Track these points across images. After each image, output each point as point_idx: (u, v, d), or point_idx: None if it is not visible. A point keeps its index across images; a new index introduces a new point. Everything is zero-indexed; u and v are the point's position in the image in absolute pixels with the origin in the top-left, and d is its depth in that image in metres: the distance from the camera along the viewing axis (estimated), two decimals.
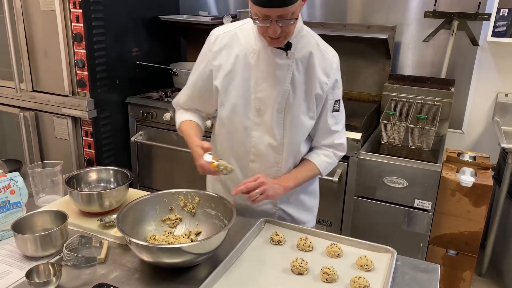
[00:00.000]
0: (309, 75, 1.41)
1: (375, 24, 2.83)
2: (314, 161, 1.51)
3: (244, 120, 1.45)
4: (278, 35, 1.27)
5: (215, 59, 1.44)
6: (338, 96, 1.49)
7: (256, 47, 1.39)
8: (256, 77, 1.41)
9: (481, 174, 2.30)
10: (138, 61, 2.91)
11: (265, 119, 1.43)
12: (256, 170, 1.49)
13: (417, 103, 2.57)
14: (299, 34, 1.39)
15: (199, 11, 3.29)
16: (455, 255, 2.33)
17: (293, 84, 1.40)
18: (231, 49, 1.42)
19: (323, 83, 1.42)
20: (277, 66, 1.38)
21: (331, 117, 1.49)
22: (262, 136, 1.45)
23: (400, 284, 1.17)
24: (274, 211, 1.57)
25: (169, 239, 1.29)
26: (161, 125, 2.80)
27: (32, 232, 1.27)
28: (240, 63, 1.41)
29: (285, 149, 1.47)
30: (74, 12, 2.47)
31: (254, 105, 1.43)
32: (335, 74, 1.44)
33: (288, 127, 1.44)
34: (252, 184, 1.33)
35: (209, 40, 1.47)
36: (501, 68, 2.68)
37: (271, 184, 1.36)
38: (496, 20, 2.46)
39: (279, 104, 1.41)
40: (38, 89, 2.75)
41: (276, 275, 1.19)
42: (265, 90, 1.40)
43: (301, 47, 1.39)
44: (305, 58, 1.40)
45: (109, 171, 1.58)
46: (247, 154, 1.49)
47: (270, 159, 1.48)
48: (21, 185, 1.39)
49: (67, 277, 1.15)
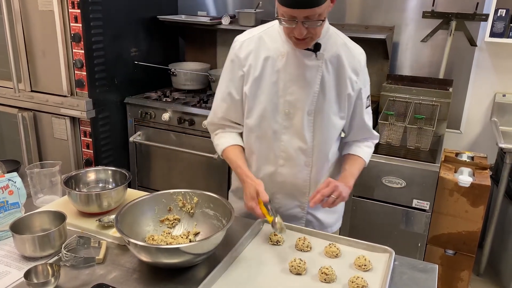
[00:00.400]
0: (339, 75, 1.40)
1: (373, 24, 2.84)
2: (360, 154, 1.52)
3: (272, 124, 1.43)
4: (304, 37, 1.25)
5: (244, 65, 1.42)
6: (369, 92, 1.50)
7: (284, 50, 1.37)
8: (284, 80, 1.39)
9: (479, 174, 2.30)
10: (137, 61, 2.91)
11: (294, 122, 1.42)
12: (285, 175, 1.48)
13: (415, 103, 2.57)
14: (326, 34, 1.38)
15: (198, 11, 3.29)
16: (453, 255, 2.34)
17: (322, 85, 1.39)
18: (258, 53, 1.41)
19: (353, 82, 1.41)
20: (307, 68, 1.37)
21: (366, 114, 1.50)
22: (291, 139, 1.44)
23: (398, 284, 1.17)
24: (303, 215, 1.55)
25: (167, 239, 1.30)
26: (160, 125, 2.80)
27: (30, 233, 1.27)
28: (268, 67, 1.40)
29: (315, 151, 1.46)
30: (72, 12, 2.46)
31: (283, 109, 1.41)
32: (364, 72, 1.45)
33: (318, 129, 1.43)
34: (327, 190, 1.32)
35: (233, 47, 1.45)
36: (499, 68, 2.69)
37: (342, 186, 1.36)
38: (494, 20, 2.47)
39: (309, 106, 1.39)
40: (37, 89, 2.74)
41: (275, 275, 1.19)
42: (295, 93, 1.39)
43: (329, 47, 1.38)
44: (334, 58, 1.39)
45: (108, 171, 1.58)
46: (277, 159, 1.47)
47: (300, 163, 1.46)
48: (19, 185, 1.39)
49: (66, 278, 1.15)
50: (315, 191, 1.34)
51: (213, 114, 1.55)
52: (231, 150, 1.50)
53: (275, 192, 1.52)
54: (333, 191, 1.33)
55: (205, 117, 2.62)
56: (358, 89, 1.43)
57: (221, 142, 1.53)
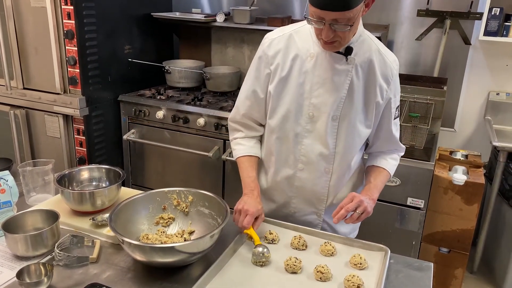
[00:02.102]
0: (369, 82, 1.34)
1: (368, 22, 2.83)
2: (386, 167, 1.47)
3: (295, 127, 1.39)
4: (332, 40, 1.21)
5: (272, 63, 1.38)
6: (398, 102, 1.44)
7: (314, 51, 1.33)
8: (312, 82, 1.35)
9: (473, 172, 2.31)
10: (131, 58, 2.89)
11: (317, 126, 1.38)
12: (303, 180, 1.45)
13: (409, 101, 2.58)
14: (360, 38, 1.32)
15: (192, 8, 3.27)
16: (447, 252, 2.35)
17: (351, 91, 1.33)
18: (287, 52, 1.37)
19: (383, 90, 1.35)
20: (336, 72, 1.32)
21: (394, 125, 1.44)
22: (313, 144, 1.40)
23: (393, 282, 1.17)
24: (318, 222, 1.51)
25: (162, 238, 1.29)
26: (154, 123, 2.78)
27: (23, 232, 1.25)
28: (296, 67, 1.36)
29: (337, 158, 1.41)
30: (65, 9, 2.44)
31: (307, 111, 1.37)
32: (395, 80, 1.39)
33: (342, 136, 1.38)
34: (352, 205, 1.27)
35: (263, 44, 1.41)
36: (493, 67, 2.70)
37: (367, 200, 1.31)
38: (488, 19, 2.47)
39: (334, 111, 1.35)
40: (29, 87, 2.72)
41: (270, 274, 1.19)
42: (321, 96, 1.35)
43: (362, 52, 1.33)
44: (365, 64, 1.33)
45: (101, 169, 1.57)
46: (296, 163, 1.44)
47: (320, 169, 1.42)
48: (11, 184, 1.38)
49: (59, 277, 1.14)
50: (339, 206, 1.29)
51: (236, 111, 1.51)
52: (246, 161, 1.47)
53: (292, 196, 1.49)
54: (357, 206, 1.28)
55: (199, 115, 2.61)
56: (387, 98, 1.37)
57: (238, 148, 1.51)
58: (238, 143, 1.51)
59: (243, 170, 1.46)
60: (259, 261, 1.22)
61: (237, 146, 1.51)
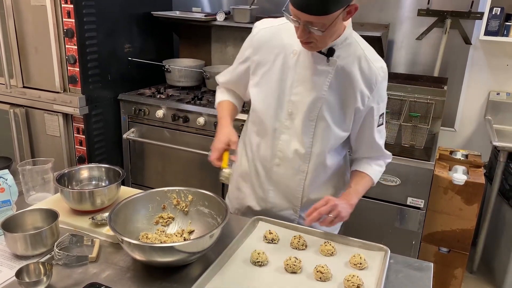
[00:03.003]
0: (350, 86, 1.32)
1: (369, 22, 2.83)
2: (369, 173, 1.46)
3: (274, 122, 1.40)
4: (307, 40, 1.21)
5: (255, 54, 1.40)
6: (383, 110, 1.41)
7: (297, 48, 1.32)
8: (292, 79, 1.35)
9: (473, 172, 2.31)
10: (130, 57, 2.89)
11: (295, 124, 1.38)
12: (280, 175, 1.45)
13: (410, 101, 2.57)
14: (345, 41, 1.30)
15: (192, 7, 3.27)
16: (447, 252, 2.35)
17: (330, 92, 1.33)
18: (271, 46, 1.37)
19: (364, 96, 1.33)
20: (316, 72, 1.32)
21: (377, 132, 1.41)
22: (290, 141, 1.40)
23: (393, 282, 1.17)
24: (295, 218, 1.52)
25: (161, 237, 1.28)
26: (154, 122, 2.78)
27: (22, 231, 1.25)
28: (279, 62, 1.36)
29: (313, 158, 1.41)
30: (65, 8, 2.44)
31: (287, 108, 1.37)
32: (379, 88, 1.35)
33: (319, 136, 1.38)
34: (325, 208, 1.27)
35: (252, 31, 1.43)
36: (493, 67, 2.70)
37: (342, 205, 1.30)
38: (489, 18, 2.47)
39: (311, 111, 1.34)
40: (29, 86, 2.71)
41: (270, 273, 1.18)
42: (300, 94, 1.35)
43: (345, 55, 1.31)
44: (348, 67, 1.31)
45: (101, 168, 1.56)
46: (273, 158, 1.44)
47: (295, 166, 1.43)
48: (11, 182, 1.37)
49: (58, 277, 1.13)
50: (313, 207, 1.28)
51: (221, 76, 1.62)
52: (223, 103, 1.56)
53: (269, 190, 1.50)
54: (331, 210, 1.28)
55: (199, 114, 2.61)
56: (369, 105, 1.35)
57: (219, 96, 1.60)
58: (221, 92, 1.61)
59: (219, 111, 1.54)
60: (220, 179, 1.33)
61: (218, 95, 1.61)
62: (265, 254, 1.22)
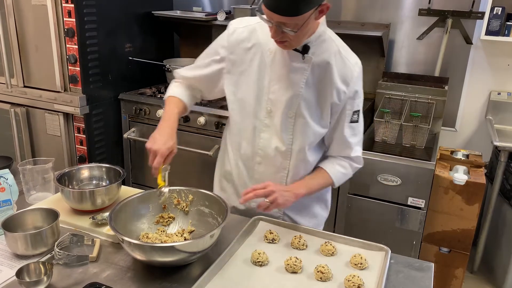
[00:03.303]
0: (326, 82, 1.34)
1: (369, 21, 2.83)
2: (328, 170, 1.45)
3: (254, 120, 1.41)
4: (281, 40, 1.22)
5: (232, 53, 1.40)
6: (358, 107, 1.41)
7: (273, 47, 1.33)
8: (270, 78, 1.36)
9: (474, 172, 2.31)
10: (131, 57, 2.89)
11: (275, 121, 1.39)
12: (262, 173, 1.46)
13: (411, 101, 2.57)
14: (319, 38, 1.32)
15: (193, 6, 3.27)
16: (448, 252, 2.34)
17: (306, 89, 1.34)
18: (248, 45, 1.38)
19: (340, 92, 1.34)
20: (292, 69, 1.33)
21: (348, 128, 1.41)
22: (270, 138, 1.41)
23: (394, 282, 1.17)
24: (279, 215, 1.52)
25: (162, 237, 1.28)
26: (154, 121, 2.78)
27: (22, 230, 1.25)
28: (256, 61, 1.37)
29: (293, 155, 1.42)
30: (66, 7, 2.43)
31: (266, 106, 1.38)
32: (355, 83, 1.36)
33: (298, 133, 1.39)
34: (261, 191, 1.28)
35: (228, 30, 1.42)
36: (494, 67, 2.70)
37: (281, 192, 1.31)
38: (490, 18, 2.47)
39: (290, 108, 1.36)
40: (30, 85, 2.71)
41: (270, 273, 1.18)
42: (277, 92, 1.36)
43: (320, 52, 1.32)
44: (323, 64, 1.33)
45: (101, 168, 1.56)
46: (254, 156, 1.45)
47: (276, 164, 1.43)
48: (11, 182, 1.37)
49: (58, 276, 1.13)
50: (251, 188, 1.29)
51: (185, 72, 1.55)
52: (172, 100, 1.50)
53: None
54: (267, 195, 1.28)
55: (200, 113, 2.61)
56: (345, 100, 1.36)
57: (172, 90, 1.54)
58: (175, 86, 1.55)
59: (166, 107, 1.48)
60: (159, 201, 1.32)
61: (172, 88, 1.55)
62: (266, 254, 1.22)
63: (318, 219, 1.61)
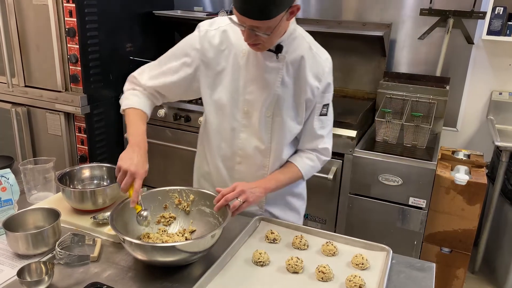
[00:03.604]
0: (299, 79, 1.36)
1: (371, 21, 2.83)
2: (297, 164, 1.47)
3: (232, 121, 1.42)
4: (254, 42, 1.22)
5: (204, 56, 1.39)
6: (327, 100, 1.44)
7: (246, 48, 1.33)
8: (245, 79, 1.37)
9: (475, 172, 2.30)
10: (132, 56, 2.89)
11: (253, 121, 1.40)
12: (242, 172, 1.47)
13: (412, 100, 2.57)
14: (290, 36, 1.33)
15: (194, 6, 3.26)
16: (449, 252, 2.34)
17: (282, 88, 1.36)
18: (221, 47, 1.38)
19: (314, 88, 1.37)
20: (267, 69, 1.34)
21: (317, 121, 1.44)
22: (249, 138, 1.43)
23: (395, 282, 1.17)
24: (261, 213, 1.54)
25: (163, 237, 1.28)
26: (155, 121, 2.78)
27: (24, 230, 1.25)
28: (230, 62, 1.37)
29: (272, 153, 1.44)
30: (67, 7, 2.43)
31: (242, 107, 1.39)
32: (327, 78, 1.39)
33: (276, 131, 1.41)
34: (231, 195, 1.27)
35: (199, 31, 1.40)
36: (495, 67, 2.69)
37: (250, 190, 1.31)
38: (491, 18, 2.46)
39: (267, 107, 1.37)
40: (31, 85, 2.71)
41: (271, 273, 1.18)
42: (254, 93, 1.37)
43: (292, 50, 1.34)
44: (296, 61, 1.35)
45: (103, 168, 1.56)
46: (234, 156, 1.46)
47: (257, 162, 1.45)
48: (12, 182, 1.37)
49: (60, 276, 1.13)
50: (220, 194, 1.27)
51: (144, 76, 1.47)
52: (137, 113, 1.40)
53: None
54: (238, 196, 1.28)
55: (200, 113, 2.60)
56: (318, 95, 1.39)
57: (131, 100, 1.42)
58: (134, 95, 1.44)
59: (132, 121, 1.37)
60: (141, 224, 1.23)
61: (132, 97, 1.43)
62: (267, 254, 1.22)
63: (298, 213, 1.64)
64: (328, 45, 1.47)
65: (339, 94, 2.98)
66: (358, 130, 2.36)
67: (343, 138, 2.32)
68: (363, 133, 2.54)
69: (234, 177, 1.48)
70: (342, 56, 2.89)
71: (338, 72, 2.97)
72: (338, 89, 2.99)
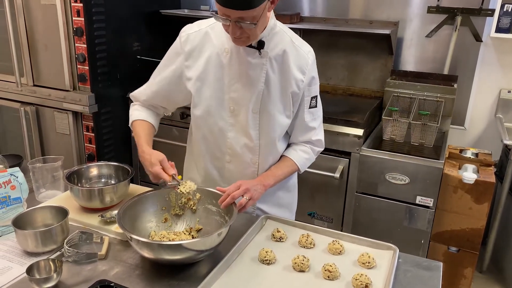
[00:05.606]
0: (284, 74, 1.37)
1: (378, 19, 2.81)
2: (293, 157, 1.49)
3: (218, 121, 1.42)
4: (240, 36, 1.23)
5: (187, 59, 1.40)
6: (315, 93, 1.46)
7: (228, 46, 1.35)
8: (229, 77, 1.37)
9: (483, 171, 2.29)
10: (139, 55, 2.90)
11: (240, 119, 1.41)
12: (232, 171, 1.48)
13: (419, 99, 2.56)
14: (272, 31, 1.34)
15: (200, 5, 3.26)
16: (456, 252, 2.33)
17: (267, 83, 1.37)
18: (203, 49, 1.39)
19: (298, 81, 1.38)
20: (250, 66, 1.35)
21: (308, 114, 1.46)
22: (237, 136, 1.43)
23: (402, 281, 1.17)
24: (253, 210, 1.54)
25: (170, 235, 1.29)
26: (162, 120, 2.72)
27: (32, 228, 1.26)
28: (213, 63, 1.38)
29: (262, 149, 1.45)
30: (74, 6, 2.45)
31: (228, 106, 1.40)
32: (311, 71, 1.40)
33: (264, 128, 1.41)
34: (237, 193, 1.29)
35: (180, 37, 1.43)
36: (504, 65, 2.67)
37: (253, 187, 1.34)
38: (500, 15, 2.44)
39: (253, 104, 1.38)
40: (39, 84, 2.73)
41: (278, 272, 1.18)
42: (239, 91, 1.37)
43: (274, 45, 1.35)
44: (279, 56, 1.36)
45: (110, 166, 1.57)
46: (223, 155, 1.47)
47: (246, 160, 1.46)
48: (21, 180, 1.39)
49: (68, 273, 1.15)
50: (226, 193, 1.30)
51: (140, 93, 1.55)
52: (140, 124, 1.50)
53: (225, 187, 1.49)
54: (244, 194, 1.30)
55: None
56: (304, 88, 1.40)
57: (134, 114, 1.53)
58: (136, 110, 1.54)
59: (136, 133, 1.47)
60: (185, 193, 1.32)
61: (134, 112, 1.54)
62: (273, 253, 1.22)
63: (290, 209, 1.65)
64: (335, 43, 1.47)
65: (346, 93, 2.98)
66: (365, 128, 2.36)
67: (350, 137, 2.32)
68: (370, 131, 2.53)
69: (225, 176, 1.50)
70: (349, 54, 2.88)
71: (345, 70, 2.97)
72: (345, 87, 2.98)
